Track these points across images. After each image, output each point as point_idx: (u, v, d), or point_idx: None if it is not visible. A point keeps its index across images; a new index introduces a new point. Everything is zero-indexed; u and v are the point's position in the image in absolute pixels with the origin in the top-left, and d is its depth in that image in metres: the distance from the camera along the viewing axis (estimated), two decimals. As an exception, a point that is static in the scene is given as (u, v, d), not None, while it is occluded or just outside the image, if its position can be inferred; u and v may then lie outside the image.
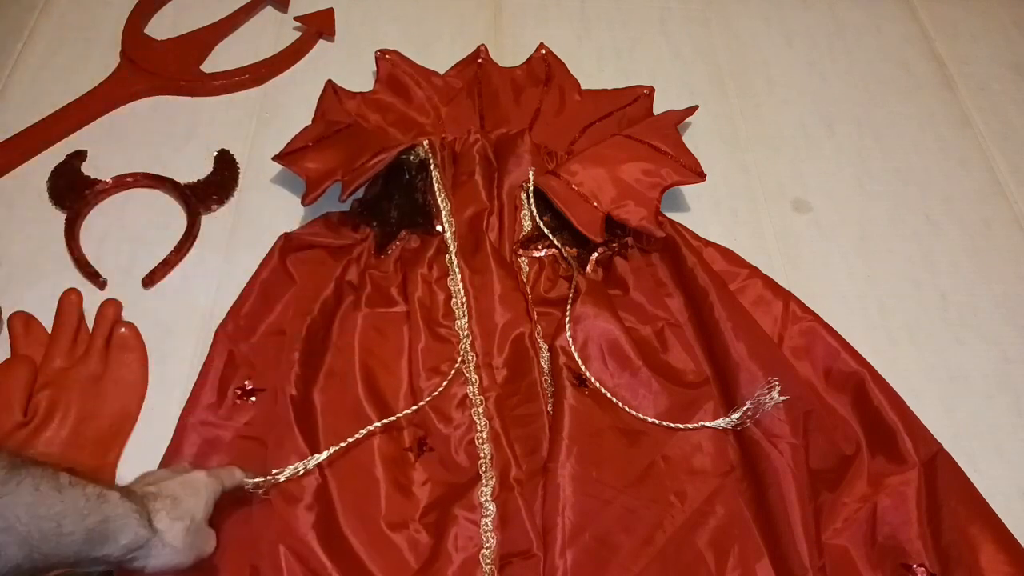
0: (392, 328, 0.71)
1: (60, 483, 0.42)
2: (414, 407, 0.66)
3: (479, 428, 0.65)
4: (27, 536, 0.39)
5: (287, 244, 0.74)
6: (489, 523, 0.61)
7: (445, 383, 0.67)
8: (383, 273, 0.74)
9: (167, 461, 0.63)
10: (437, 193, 0.76)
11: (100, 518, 0.43)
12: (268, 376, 0.67)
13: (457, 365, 0.69)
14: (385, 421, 0.65)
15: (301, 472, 0.61)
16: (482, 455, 0.64)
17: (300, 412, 0.65)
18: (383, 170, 0.75)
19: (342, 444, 0.62)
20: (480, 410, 0.66)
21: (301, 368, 0.66)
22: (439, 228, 0.75)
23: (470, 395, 0.67)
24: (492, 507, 0.61)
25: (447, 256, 0.74)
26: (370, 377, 0.68)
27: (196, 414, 0.64)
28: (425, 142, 0.78)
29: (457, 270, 0.73)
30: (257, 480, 0.59)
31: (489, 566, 0.59)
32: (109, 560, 0.45)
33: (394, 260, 0.75)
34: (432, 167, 0.77)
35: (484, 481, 0.63)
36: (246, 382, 0.67)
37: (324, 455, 0.62)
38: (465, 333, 0.70)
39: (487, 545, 0.60)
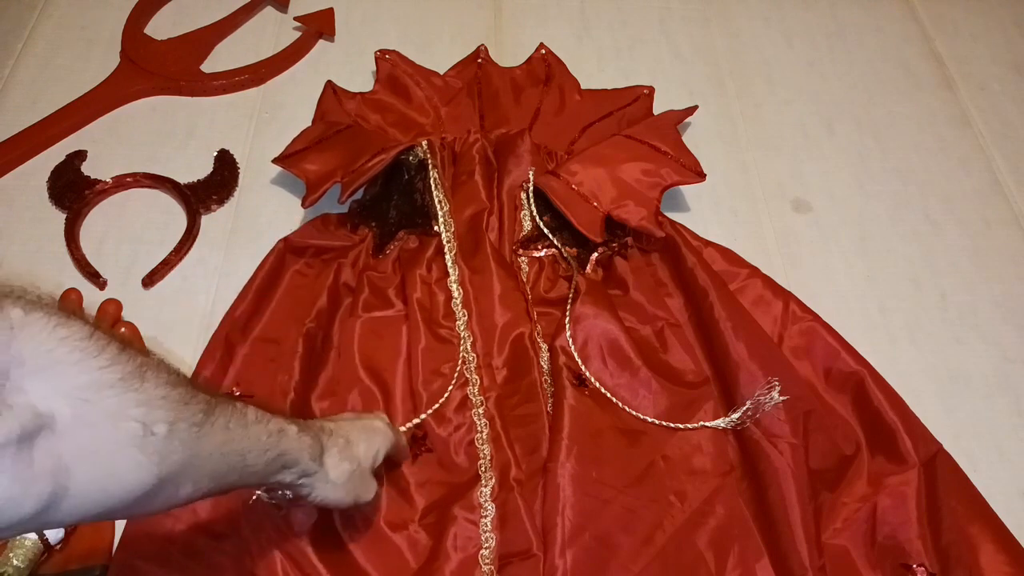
0: (390, 331, 0.71)
1: (247, 420, 0.44)
2: (417, 420, 0.66)
3: (479, 429, 0.65)
4: (216, 468, 0.41)
5: (286, 248, 0.74)
6: (488, 523, 0.61)
7: (451, 388, 0.67)
8: (381, 274, 0.74)
9: None
10: (435, 194, 0.76)
11: (278, 452, 0.46)
12: (256, 384, 0.67)
13: (459, 368, 0.68)
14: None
15: None
16: (482, 456, 0.64)
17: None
18: (382, 171, 0.75)
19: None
20: (480, 411, 0.66)
21: (300, 375, 0.66)
22: (437, 229, 0.75)
23: (470, 396, 0.67)
24: (491, 507, 0.61)
25: (447, 256, 0.74)
26: (370, 381, 0.68)
27: None
28: (424, 143, 0.78)
29: (455, 270, 0.73)
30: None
31: (488, 566, 0.59)
32: (282, 484, 0.48)
33: (392, 261, 0.75)
34: (431, 167, 0.77)
35: (484, 481, 0.63)
36: (234, 388, 0.67)
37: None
38: (466, 334, 0.70)
39: (486, 545, 0.60)
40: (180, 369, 0.39)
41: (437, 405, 0.67)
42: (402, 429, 0.65)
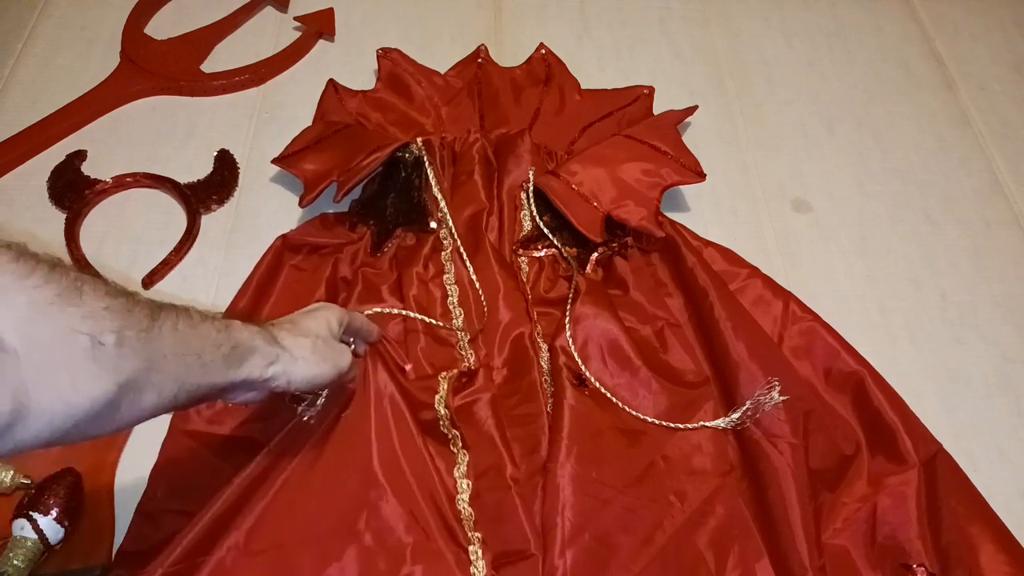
0: (385, 326, 0.71)
1: (194, 320, 0.44)
2: (395, 311, 0.69)
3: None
4: (175, 371, 0.41)
5: (284, 245, 0.74)
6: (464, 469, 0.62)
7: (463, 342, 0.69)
8: (377, 271, 0.74)
9: (158, 468, 0.63)
10: (433, 190, 0.76)
11: (232, 344, 0.46)
12: None
13: (465, 362, 0.69)
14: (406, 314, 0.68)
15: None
16: (442, 391, 0.65)
17: None
18: (381, 169, 0.75)
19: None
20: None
21: None
22: (434, 226, 0.76)
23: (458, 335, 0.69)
24: (467, 484, 0.61)
25: (443, 253, 0.74)
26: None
27: (187, 420, 0.65)
28: (419, 140, 0.78)
29: (452, 266, 0.73)
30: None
31: (465, 507, 0.60)
32: (254, 383, 0.48)
33: (389, 258, 0.75)
34: (427, 165, 0.77)
35: (459, 460, 0.62)
36: None
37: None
38: (463, 332, 0.70)
39: (461, 488, 0.61)
40: (116, 282, 0.40)
41: (428, 319, 0.69)
42: (368, 312, 0.65)
